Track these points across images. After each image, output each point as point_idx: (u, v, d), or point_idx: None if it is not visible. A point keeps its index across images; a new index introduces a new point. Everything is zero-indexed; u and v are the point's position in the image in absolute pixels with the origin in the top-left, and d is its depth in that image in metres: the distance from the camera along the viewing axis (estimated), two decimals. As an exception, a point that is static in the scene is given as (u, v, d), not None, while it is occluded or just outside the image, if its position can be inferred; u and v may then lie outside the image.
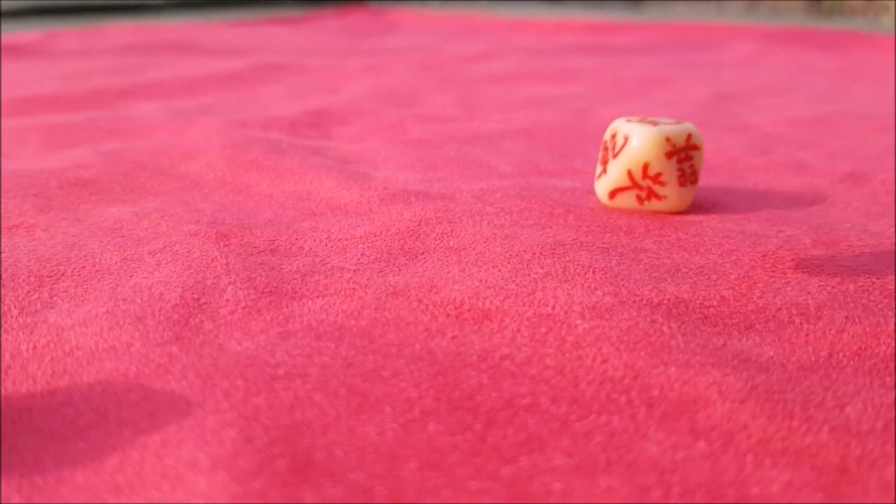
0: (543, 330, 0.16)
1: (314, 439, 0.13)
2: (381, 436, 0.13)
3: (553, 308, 0.17)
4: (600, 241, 0.20)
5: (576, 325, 0.16)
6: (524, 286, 0.18)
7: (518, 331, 0.16)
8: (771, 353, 0.15)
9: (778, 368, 0.15)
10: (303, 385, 0.14)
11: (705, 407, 0.13)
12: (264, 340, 0.16)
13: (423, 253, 0.20)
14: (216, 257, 0.20)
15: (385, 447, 0.13)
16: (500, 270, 0.19)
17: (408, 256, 0.20)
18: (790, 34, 0.84)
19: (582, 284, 0.18)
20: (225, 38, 0.76)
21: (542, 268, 0.19)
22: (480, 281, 0.18)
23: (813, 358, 0.15)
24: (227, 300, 0.18)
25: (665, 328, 0.16)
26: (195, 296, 0.18)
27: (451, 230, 0.22)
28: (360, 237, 0.21)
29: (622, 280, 0.18)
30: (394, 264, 0.19)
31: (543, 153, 0.32)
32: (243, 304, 0.17)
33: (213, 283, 0.18)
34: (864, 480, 0.12)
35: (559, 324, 0.16)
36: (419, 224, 0.22)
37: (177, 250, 0.20)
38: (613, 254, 0.20)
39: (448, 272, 0.19)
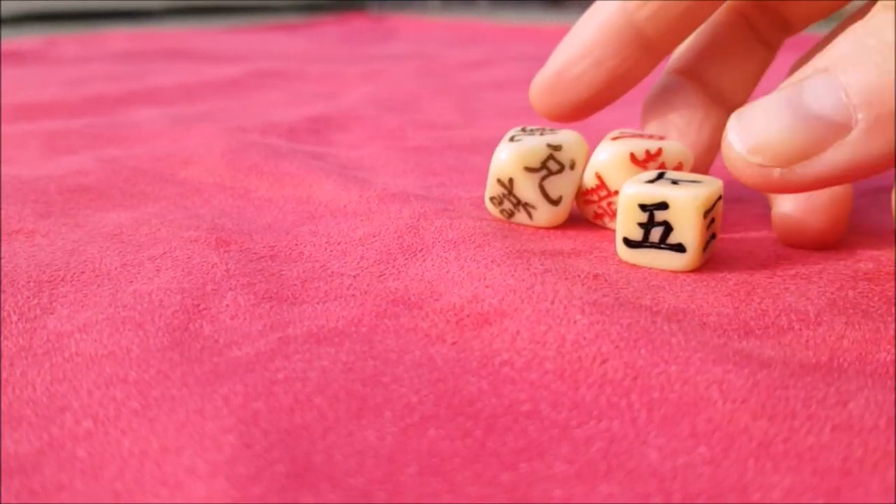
0: (543, 329, 0.16)
1: (313, 443, 0.13)
2: (380, 440, 0.13)
3: (553, 303, 0.17)
4: (598, 250, 0.20)
5: (576, 321, 0.16)
6: (523, 280, 0.18)
7: (518, 332, 0.16)
8: (772, 354, 0.15)
9: (780, 365, 0.15)
10: (302, 389, 0.14)
11: (706, 408, 0.13)
12: (264, 345, 0.16)
13: (421, 250, 0.20)
14: (216, 263, 0.20)
15: (385, 452, 0.12)
16: (499, 266, 0.19)
17: (407, 255, 0.20)
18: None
19: (582, 284, 0.18)
20: (224, 45, 0.76)
21: (542, 265, 0.19)
22: (480, 279, 0.18)
23: (814, 361, 0.15)
24: (227, 305, 0.18)
25: (665, 327, 0.16)
26: (195, 301, 0.18)
27: (450, 224, 0.22)
28: (360, 238, 0.21)
29: (622, 286, 0.18)
30: (393, 266, 0.19)
31: (543, 159, 0.32)
32: (243, 309, 0.17)
33: (213, 289, 0.18)
34: (866, 483, 0.12)
35: (559, 321, 0.16)
36: (418, 220, 0.22)
37: (177, 256, 0.20)
38: (612, 262, 0.20)
39: (447, 271, 0.19)
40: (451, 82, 0.53)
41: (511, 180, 0.21)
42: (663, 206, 0.19)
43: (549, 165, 0.21)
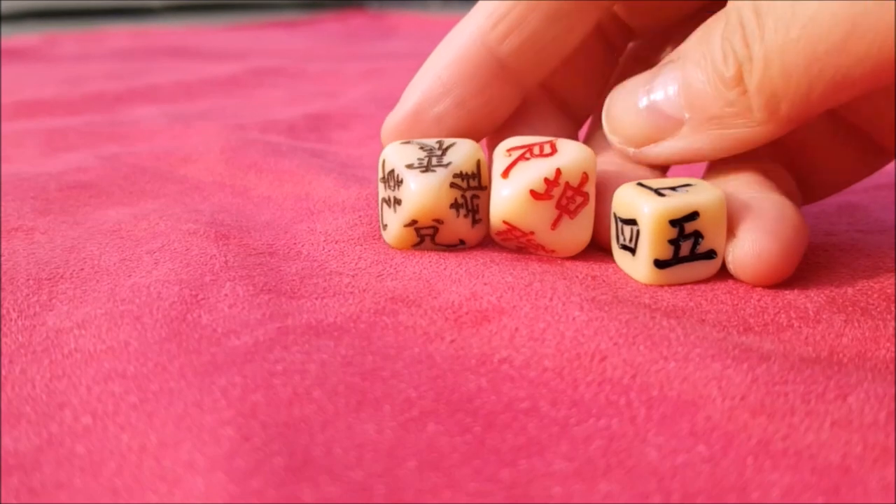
0: (542, 326, 0.16)
1: (312, 436, 0.13)
2: (380, 434, 0.13)
3: (551, 299, 0.17)
4: (597, 255, 0.20)
5: (574, 318, 0.16)
6: (522, 278, 0.18)
7: (517, 329, 0.16)
8: (771, 348, 0.15)
9: (779, 358, 0.15)
10: (301, 381, 0.14)
11: (705, 406, 0.13)
12: (263, 335, 0.16)
13: (419, 250, 0.20)
14: (215, 255, 0.20)
15: (384, 446, 0.12)
16: (497, 265, 0.19)
17: (405, 256, 0.20)
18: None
19: (581, 282, 0.18)
20: (224, 42, 0.76)
21: (541, 265, 0.19)
22: (478, 277, 0.18)
23: (813, 357, 0.15)
24: (226, 295, 0.18)
25: (664, 323, 0.16)
26: (193, 292, 0.18)
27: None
28: (359, 237, 0.21)
29: (620, 286, 0.18)
30: (391, 265, 0.19)
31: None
32: (242, 298, 0.17)
33: (211, 280, 0.18)
34: (865, 480, 0.12)
35: (557, 317, 0.16)
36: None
37: (175, 249, 0.20)
38: (610, 266, 0.20)
39: (445, 269, 0.19)
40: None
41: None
42: (693, 216, 0.18)
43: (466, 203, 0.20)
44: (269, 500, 0.11)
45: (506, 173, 0.19)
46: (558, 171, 0.19)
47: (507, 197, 0.19)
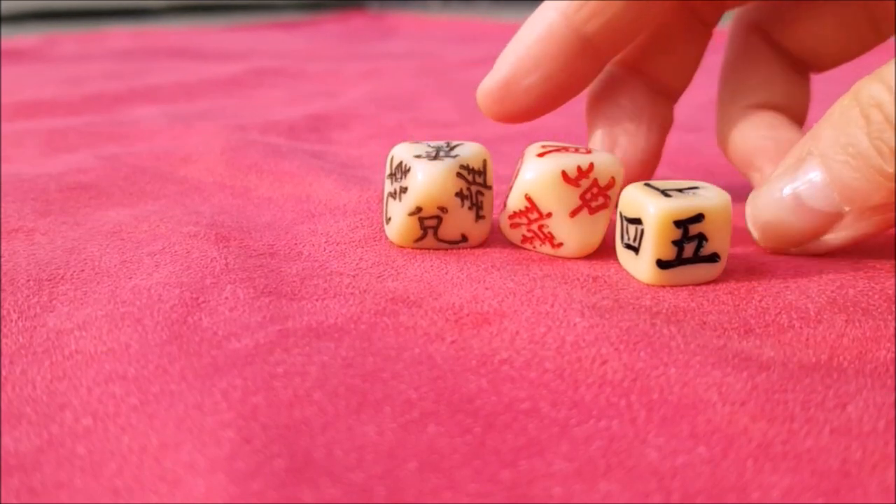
0: (542, 330, 0.16)
1: (313, 438, 0.13)
2: (380, 436, 0.13)
3: (552, 306, 0.17)
4: (598, 254, 0.20)
5: (575, 324, 0.16)
6: (523, 284, 0.18)
7: (517, 332, 0.16)
8: (771, 354, 0.15)
9: (779, 367, 0.15)
10: (302, 383, 0.14)
11: (705, 410, 0.13)
12: (263, 337, 0.16)
13: (421, 253, 0.20)
14: (215, 257, 0.20)
15: (385, 447, 0.12)
16: (499, 270, 0.19)
17: (406, 256, 0.20)
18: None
19: (582, 287, 0.18)
20: (224, 43, 0.76)
21: (542, 270, 0.19)
22: (479, 282, 0.18)
23: (814, 360, 0.15)
24: (227, 298, 0.18)
25: (665, 330, 0.16)
26: (194, 294, 0.18)
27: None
28: (360, 238, 0.21)
29: (621, 287, 0.18)
30: (392, 266, 0.19)
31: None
32: (242, 301, 0.17)
33: (212, 282, 0.18)
34: (865, 484, 0.12)
35: (558, 322, 0.16)
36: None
37: (176, 251, 0.20)
38: (612, 263, 0.20)
39: (446, 273, 0.19)
40: (450, 80, 0.53)
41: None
42: (699, 217, 0.18)
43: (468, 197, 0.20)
44: (269, 502, 0.11)
45: (541, 155, 0.20)
46: (591, 165, 0.19)
47: (539, 173, 0.19)
